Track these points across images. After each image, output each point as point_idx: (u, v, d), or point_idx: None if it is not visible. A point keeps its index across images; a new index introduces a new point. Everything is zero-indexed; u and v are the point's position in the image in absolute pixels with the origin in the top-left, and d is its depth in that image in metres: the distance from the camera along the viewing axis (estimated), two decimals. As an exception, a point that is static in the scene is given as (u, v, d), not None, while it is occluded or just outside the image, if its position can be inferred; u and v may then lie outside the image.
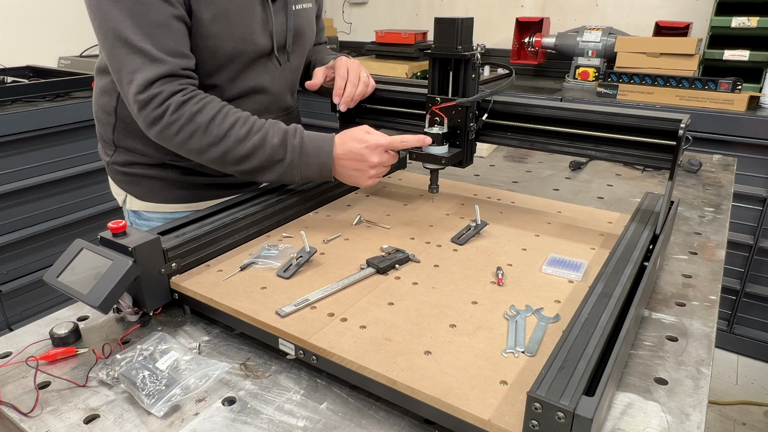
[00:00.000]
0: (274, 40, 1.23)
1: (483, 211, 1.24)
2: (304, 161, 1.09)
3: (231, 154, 1.08)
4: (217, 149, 1.07)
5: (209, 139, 1.06)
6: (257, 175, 1.12)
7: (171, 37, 1.04)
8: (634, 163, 1.12)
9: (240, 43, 1.16)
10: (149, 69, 1.03)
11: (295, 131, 1.10)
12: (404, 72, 3.43)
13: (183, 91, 1.06)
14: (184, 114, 1.05)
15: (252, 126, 1.08)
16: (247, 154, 1.08)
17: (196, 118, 1.05)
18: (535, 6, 3.57)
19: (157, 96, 1.04)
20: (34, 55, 3.18)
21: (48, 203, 2.63)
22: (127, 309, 0.92)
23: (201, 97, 1.08)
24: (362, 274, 0.97)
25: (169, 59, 1.04)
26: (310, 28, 1.38)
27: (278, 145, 1.08)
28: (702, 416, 0.71)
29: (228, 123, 1.07)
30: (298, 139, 1.09)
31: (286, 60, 1.30)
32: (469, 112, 1.17)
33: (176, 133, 1.06)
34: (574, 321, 0.74)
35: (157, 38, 1.03)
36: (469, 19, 1.11)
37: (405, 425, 0.73)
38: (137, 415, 0.73)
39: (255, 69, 1.23)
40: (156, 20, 1.02)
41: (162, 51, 1.03)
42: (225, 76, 1.19)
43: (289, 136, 1.09)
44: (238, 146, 1.07)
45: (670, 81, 2.66)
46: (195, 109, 1.05)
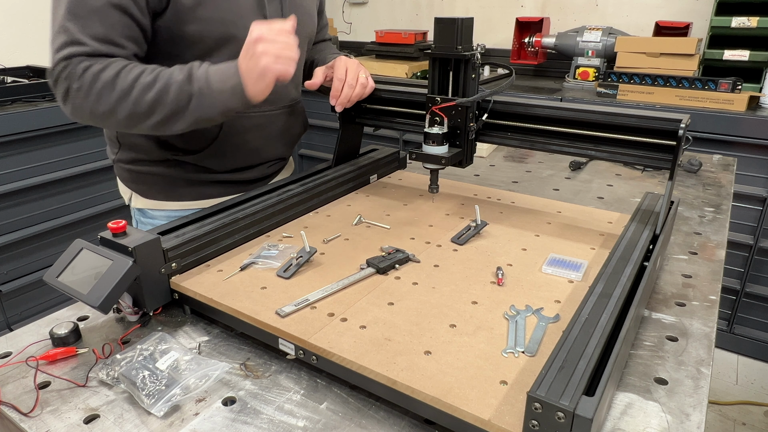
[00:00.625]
0: None
1: (483, 211, 1.24)
2: (214, 88, 1.04)
3: (140, 105, 1.03)
4: (126, 103, 1.03)
5: (117, 93, 1.02)
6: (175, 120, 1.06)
7: (101, 24, 1.02)
8: (634, 163, 1.12)
9: (230, 27, 1.15)
10: (68, 48, 1.02)
11: (199, 64, 1.06)
12: (404, 72, 3.43)
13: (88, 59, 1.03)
14: (87, 75, 1.02)
15: (159, 73, 1.04)
16: (156, 99, 1.03)
17: (101, 75, 1.02)
18: (535, 6, 3.57)
19: (65, 69, 1.02)
20: (34, 55, 3.18)
21: (48, 203, 2.63)
22: (127, 309, 0.92)
23: (108, 60, 1.04)
24: (362, 274, 0.97)
25: (93, 43, 1.02)
26: (309, 19, 1.37)
27: (185, 80, 1.04)
28: (702, 416, 0.71)
29: (134, 74, 1.03)
30: (203, 69, 1.05)
31: None
32: (469, 112, 1.17)
33: (85, 96, 1.03)
34: (574, 321, 0.74)
35: (85, 21, 1.02)
36: (469, 19, 1.11)
37: (405, 425, 0.73)
38: (137, 415, 0.73)
39: None
40: (91, 4, 1.01)
41: (88, 36, 1.02)
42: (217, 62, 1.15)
43: (194, 68, 1.05)
44: (146, 93, 1.03)
45: (670, 81, 2.66)
46: (99, 68, 1.02)
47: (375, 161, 1.48)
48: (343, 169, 1.40)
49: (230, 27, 1.15)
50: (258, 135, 1.33)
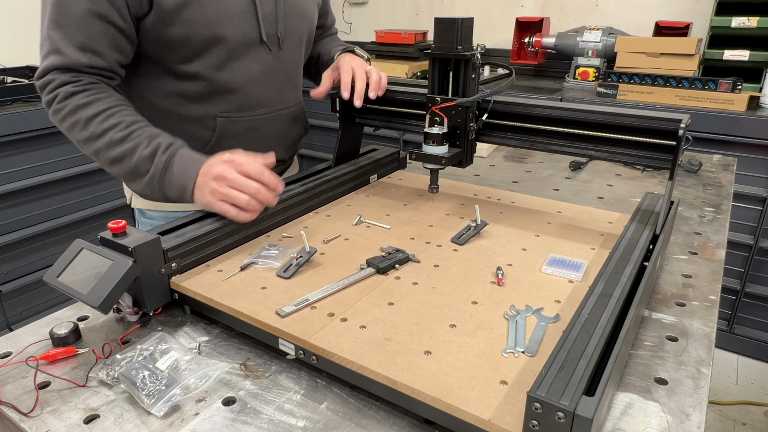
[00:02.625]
0: (261, 27, 1.19)
1: (483, 211, 1.24)
2: (167, 179, 1.06)
3: (103, 155, 1.07)
4: (91, 146, 1.07)
5: (86, 134, 1.06)
6: (128, 182, 1.10)
7: (83, 33, 1.03)
8: (634, 163, 1.12)
9: (217, 28, 1.12)
10: (50, 58, 1.05)
11: (167, 148, 1.06)
12: (404, 72, 3.43)
13: (76, 82, 1.06)
14: (69, 104, 1.06)
15: (131, 133, 1.06)
16: (117, 159, 1.06)
17: (80, 111, 1.05)
18: (535, 6, 3.57)
19: (50, 83, 1.06)
20: (34, 55, 3.16)
21: (48, 203, 2.63)
22: (127, 309, 0.92)
23: (94, 92, 1.06)
24: (362, 274, 0.97)
25: (73, 53, 1.04)
26: (307, 16, 1.34)
27: (146, 158, 1.05)
28: (702, 416, 0.71)
29: (108, 124, 1.05)
30: (166, 156, 1.05)
31: (278, 48, 1.25)
32: (469, 112, 1.17)
33: (61, 120, 1.09)
34: (574, 321, 0.74)
35: (67, 30, 1.03)
36: (469, 19, 1.11)
37: (405, 425, 0.72)
38: (137, 415, 0.73)
39: (242, 59, 1.19)
40: (71, 13, 1.02)
41: (69, 44, 1.04)
42: (208, 63, 1.16)
43: (159, 150, 1.06)
44: (110, 149, 1.06)
45: (670, 81, 2.66)
46: (81, 103, 1.05)
47: (375, 161, 1.48)
48: (343, 169, 1.40)
49: (217, 28, 1.13)
50: (254, 138, 1.30)
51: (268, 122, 1.33)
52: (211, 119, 1.23)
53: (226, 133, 1.26)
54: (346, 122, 1.41)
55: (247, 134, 1.29)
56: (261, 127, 1.31)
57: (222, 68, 1.18)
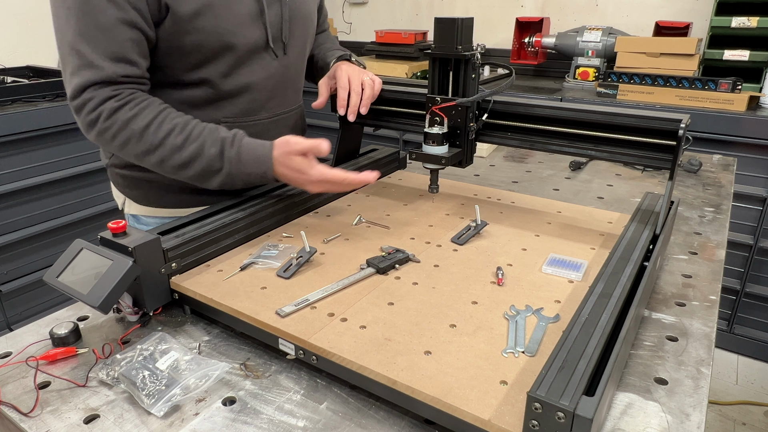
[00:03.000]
0: (268, 32, 1.19)
1: (483, 211, 1.24)
2: (243, 171, 1.07)
3: (168, 162, 1.06)
4: (154, 157, 1.06)
5: (144, 146, 1.04)
6: (198, 182, 1.10)
7: (114, 42, 1.00)
8: (634, 163, 1.12)
9: (228, 36, 1.12)
10: (83, 74, 1.00)
11: (232, 141, 1.07)
12: (404, 72, 3.43)
13: (117, 96, 1.03)
14: (117, 120, 1.03)
15: (189, 134, 1.05)
16: (184, 163, 1.06)
17: (131, 124, 1.03)
18: (535, 6, 3.57)
19: (90, 101, 1.02)
20: (34, 55, 3.18)
21: (48, 203, 2.63)
22: (127, 309, 0.92)
23: (137, 102, 1.04)
24: (362, 274, 0.97)
25: (107, 65, 1.01)
26: (310, 18, 1.34)
27: (215, 156, 1.06)
28: (702, 416, 0.71)
29: (164, 131, 1.04)
30: (235, 149, 1.06)
31: (283, 53, 1.26)
32: (469, 112, 1.17)
33: (111, 139, 1.05)
34: (574, 321, 0.74)
35: (97, 41, 0.99)
36: (469, 19, 1.11)
37: (405, 425, 0.73)
38: (137, 415, 0.73)
39: (249, 63, 1.20)
40: (100, 23, 0.99)
41: (101, 55, 1.00)
42: (215, 71, 1.16)
43: (227, 145, 1.06)
44: (175, 155, 1.05)
45: (670, 81, 2.66)
46: (129, 116, 1.03)
47: (375, 161, 1.48)
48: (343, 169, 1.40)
49: (228, 37, 1.13)
50: None
51: (271, 126, 1.32)
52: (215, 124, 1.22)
53: None
54: (346, 122, 1.41)
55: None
56: (264, 131, 1.30)
57: (229, 75, 1.18)
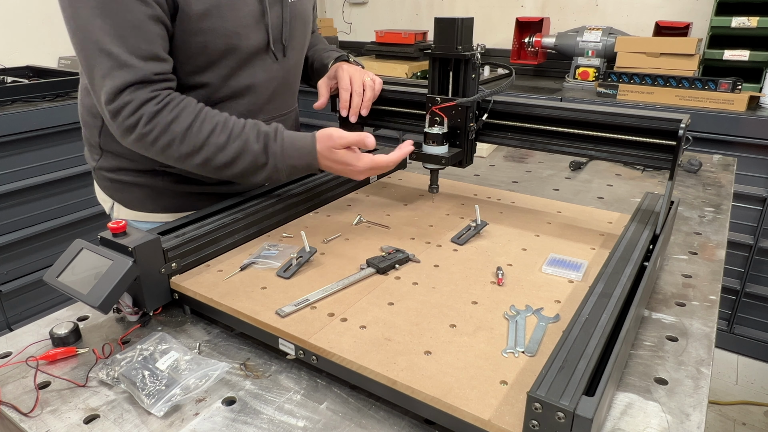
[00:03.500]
0: (270, 35, 1.19)
1: (483, 211, 1.24)
2: (288, 164, 1.07)
3: (213, 162, 1.05)
4: (198, 157, 1.05)
5: (187, 148, 1.03)
6: (244, 179, 1.10)
7: (144, 39, 0.98)
8: (634, 163, 1.12)
9: (233, 38, 1.12)
10: (119, 75, 0.97)
11: (275, 135, 1.07)
12: (404, 72, 3.43)
13: (156, 98, 1.01)
14: (158, 124, 1.01)
15: (231, 131, 1.05)
16: (229, 161, 1.06)
17: (172, 127, 1.01)
18: (535, 6, 3.57)
19: (128, 105, 0.99)
20: (34, 55, 3.18)
21: (48, 203, 2.63)
22: (127, 309, 0.92)
23: (176, 103, 1.03)
24: (362, 274, 0.97)
25: (141, 64, 0.98)
26: (308, 21, 1.34)
27: (260, 151, 1.06)
28: (702, 416, 0.71)
29: (206, 130, 1.03)
30: (279, 143, 1.06)
31: (283, 55, 1.25)
32: (469, 112, 1.17)
33: (152, 143, 1.03)
34: (574, 321, 0.74)
35: (128, 40, 0.97)
36: (469, 19, 1.11)
37: (405, 425, 0.73)
38: (137, 415, 0.73)
39: (250, 66, 1.19)
40: (129, 21, 0.96)
41: (133, 54, 0.98)
42: (217, 73, 1.15)
43: (270, 140, 1.07)
44: (219, 154, 1.04)
45: (670, 81, 2.66)
46: (170, 118, 1.01)
47: (375, 161, 1.48)
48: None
49: (233, 38, 1.12)
50: None
51: None
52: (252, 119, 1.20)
53: None
54: (346, 122, 1.41)
55: None
56: None
57: (231, 77, 1.17)
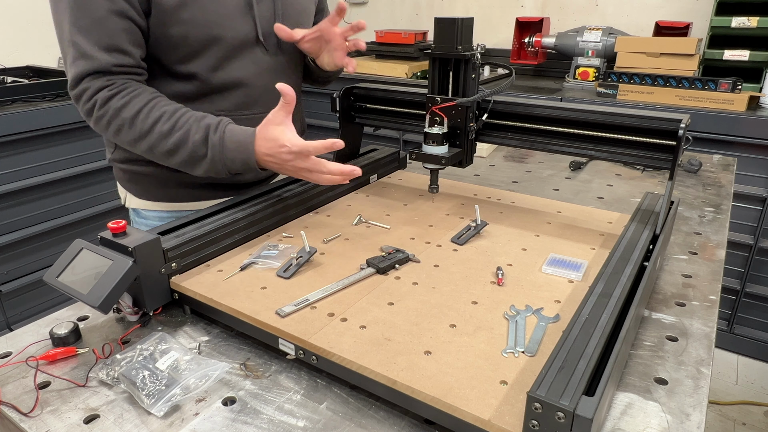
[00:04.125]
0: (258, 26, 1.19)
1: (483, 211, 1.24)
2: (227, 157, 1.07)
3: (157, 149, 1.09)
4: (144, 143, 1.09)
5: (134, 134, 1.08)
6: (187, 169, 1.12)
7: (106, 33, 1.04)
8: (634, 163, 1.12)
9: (215, 29, 1.13)
10: (80, 64, 1.05)
11: (216, 127, 1.08)
12: (404, 72, 3.43)
13: (110, 86, 1.07)
14: (110, 109, 1.07)
15: (177, 121, 1.08)
16: (172, 149, 1.08)
17: (122, 113, 1.07)
18: (535, 6, 3.57)
19: (86, 91, 1.07)
20: (34, 55, 3.18)
21: (48, 203, 2.63)
22: (127, 309, 0.92)
23: (129, 91, 1.08)
24: (362, 274, 0.97)
25: (101, 55, 1.04)
26: (305, 15, 1.34)
27: (199, 142, 1.07)
28: (702, 416, 0.71)
29: (152, 118, 1.07)
30: (218, 135, 1.07)
31: (277, 48, 1.25)
32: (469, 112, 1.17)
33: (106, 126, 1.09)
34: (574, 321, 0.74)
35: (91, 33, 1.03)
36: (469, 19, 1.11)
37: (405, 425, 0.73)
38: (137, 415, 0.73)
39: (239, 58, 1.20)
40: (92, 15, 1.02)
41: (95, 46, 1.04)
42: (203, 64, 1.16)
43: (210, 131, 1.07)
44: (162, 142, 1.08)
45: (670, 81, 2.66)
46: (120, 104, 1.06)
47: (375, 161, 1.48)
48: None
49: (215, 29, 1.13)
50: None
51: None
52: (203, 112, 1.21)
53: None
54: (346, 122, 1.41)
55: None
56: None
57: (218, 68, 1.18)
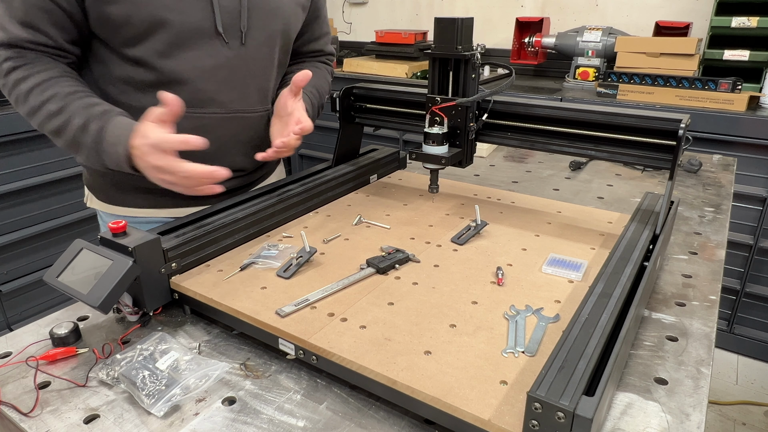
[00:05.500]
0: (216, 17, 1.11)
1: (483, 211, 1.24)
2: (103, 149, 1.02)
3: (45, 127, 1.07)
4: (35, 119, 1.08)
5: (26, 108, 1.07)
6: (73, 152, 1.09)
7: (23, 10, 1.03)
8: (634, 163, 1.12)
9: (161, 11, 1.06)
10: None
11: (100, 116, 1.03)
12: (404, 72, 3.43)
13: (16, 58, 1.05)
14: (9, 80, 1.06)
15: (67, 104, 1.04)
16: (57, 130, 1.06)
17: (20, 85, 1.06)
18: (535, 6, 3.57)
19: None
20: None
21: (48, 203, 2.63)
22: (127, 309, 0.92)
23: (33, 66, 1.06)
24: (362, 274, 0.97)
25: (15, 29, 1.04)
26: (281, 13, 1.23)
27: (79, 128, 1.04)
28: (702, 416, 0.71)
29: (46, 96, 1.05)
30: (99, 124, 1.03)
31: (240, 43, 1.16)
32: (469, 112, 1.17)
33: (8, 95, 1.09)
34: (574, 321, 0.74)
35: (10, 7, 1.03)
36: (469, 19, 1.11)
37: (405, 425, 0.73)
38: (137, 415, 0.73)
39: (191, 48, 1.11)
40: None
41: (12, 19, 1.03)
42: (150, 48, 1.09)
43: (92, 119, 1.03)
44: (49, 121, 1.06)
45: (670, 81, 2.66)
46: (19, 77, 1.05)
47: (375, 161, 1.48)
48: (343, 169, 1.40)
49: (161, 11, 1.06)
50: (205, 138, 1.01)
51: (224, 124, 1.21)
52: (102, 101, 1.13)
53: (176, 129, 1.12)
54: (346, 122, 1.41)
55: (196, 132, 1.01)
56: (214, 128, 1.19)
57: (168, 56, 1.11)
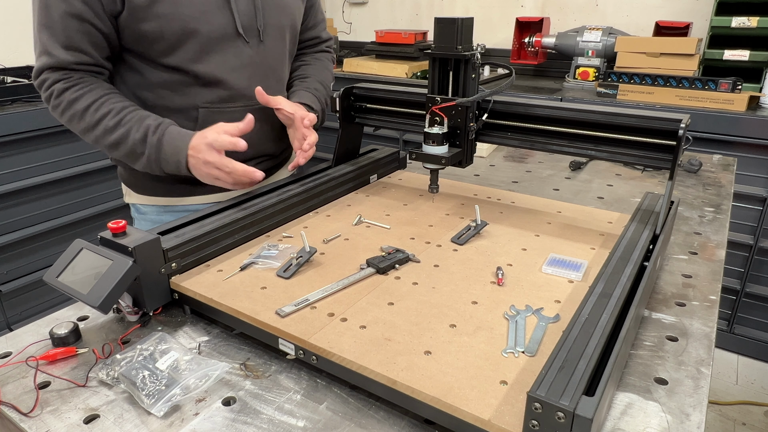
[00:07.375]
0: (237, 20, 1.21)
1: (483, 211, 1.24)
2: (162, 158, 1.15)
3: (103, 142, 1.17)
4: (92, 135, 1.17)
5: (84, 125, 1.16)
6: (131, 162, 1.20)
7: (64, 33, 1.11)
8: (634, 163, 1.12)
9: (190, 23, 1.15)
10: (41, 59, 1.15)
11: (156, 128, 1.15)
12: (404, 72, 3.43)
13: (66, 79, 1.15)
14: (63, 100, 1.15)
15: (122, 119, 1.15)
16: (115, 144, 1.16)
17: (74, 105, 1.15)
18: (535, 6, 3.57)
19: (45, 82, 1.16)
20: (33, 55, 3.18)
21: (48, 203, 2.63)
22: (127, 309, 0.92)
23: (83, 85, 1.15)
24: (362, 274, 0.97)
25: (60, 53, 1.12)
26: (288, 8, 1.34)
27: (139, 141, 1.14)
28: (702, 416, 0.71)
29: (101, 113, 1.14)
30: (157, 136, 1.14)
31: (258, 41, 1.27)
32: (469, 112, 1.17)
33: (60, 115, 1.18)
34: (574, 321, 0.74)
35: (52, 32, 1.11)
36: (469, 19, 1.11)
37: (405, 425, 0.73)
38: (137, 415, 0.73)
39: (219, 51, 1.21)
40: (53, 15, 1.10)
41: (56, 43, 1.12)
42: (182, 56, 1.18)
43: (150, 132, 1.14)
44: (107, 136, 1.15)
45: (670, 81, 2.66)
46: (73, 97, 1.14)
47: (375, 161, 1.48)
48: (343, 169, 1.40)
49: (190, 22, 1.15)
50: None
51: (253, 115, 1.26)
52: (193, 110, 1.25)
53: (208, 124, 1.23)
54: (346, 122, 1.41)
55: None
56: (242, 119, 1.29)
57: (199, 61, 1.20)
